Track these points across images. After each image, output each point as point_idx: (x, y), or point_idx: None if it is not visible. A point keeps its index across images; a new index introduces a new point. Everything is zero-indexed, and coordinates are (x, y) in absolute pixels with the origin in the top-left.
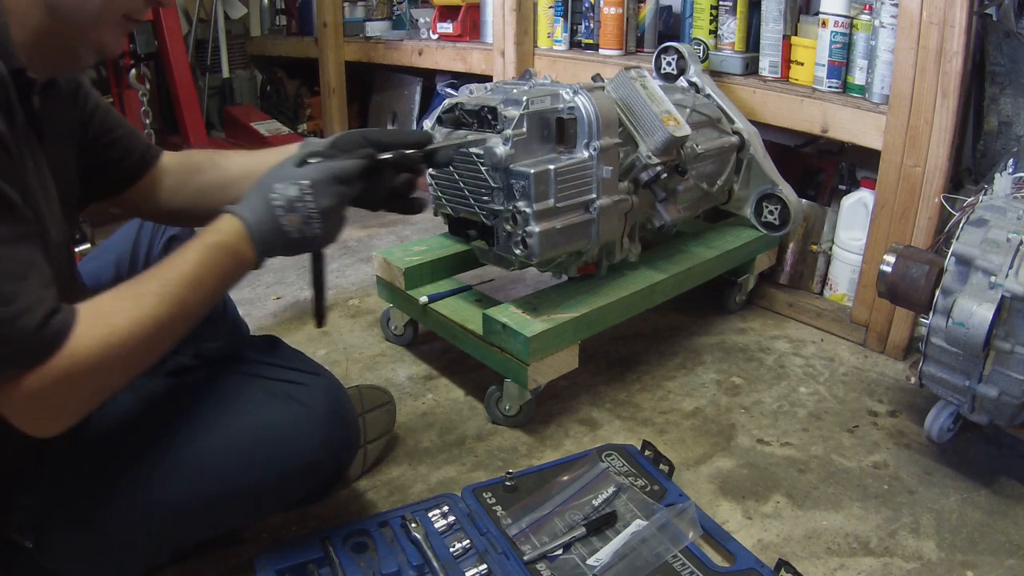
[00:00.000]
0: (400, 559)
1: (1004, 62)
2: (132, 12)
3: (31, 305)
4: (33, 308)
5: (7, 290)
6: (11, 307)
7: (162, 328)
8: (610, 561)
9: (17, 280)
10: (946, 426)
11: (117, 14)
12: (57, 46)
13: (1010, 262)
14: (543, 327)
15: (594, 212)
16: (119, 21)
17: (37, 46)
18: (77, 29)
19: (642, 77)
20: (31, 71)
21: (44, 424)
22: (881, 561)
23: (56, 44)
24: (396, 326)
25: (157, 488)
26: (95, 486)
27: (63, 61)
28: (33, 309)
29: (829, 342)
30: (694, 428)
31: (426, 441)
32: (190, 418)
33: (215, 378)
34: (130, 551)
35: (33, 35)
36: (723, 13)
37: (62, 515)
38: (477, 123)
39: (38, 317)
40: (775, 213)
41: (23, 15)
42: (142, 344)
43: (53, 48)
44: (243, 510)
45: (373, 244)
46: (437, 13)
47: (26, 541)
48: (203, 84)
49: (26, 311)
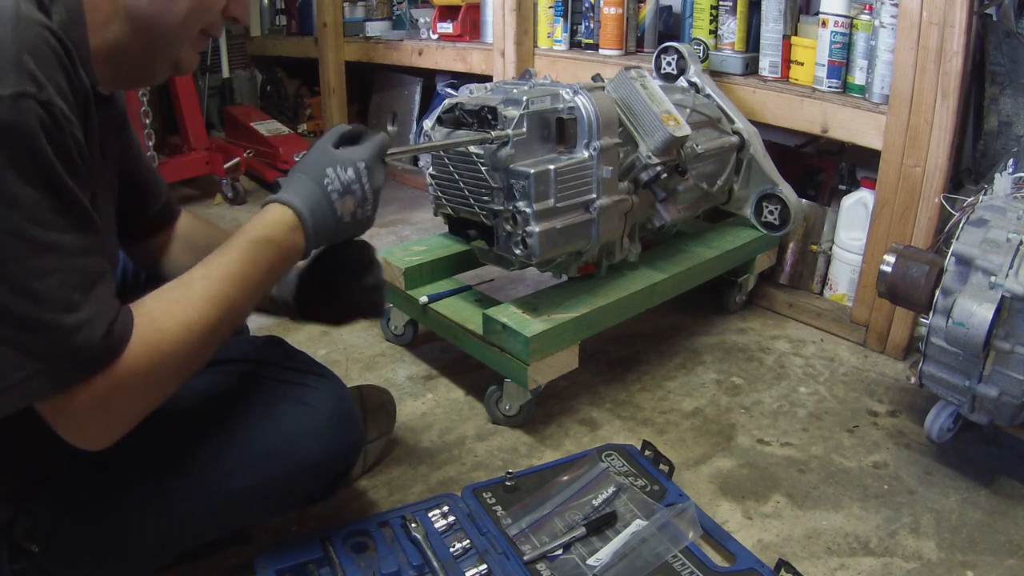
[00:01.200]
0: (400, 559)
1: (1004, 62)
2: (209, 28)
3: (97, 315)
4: (98, 318)
5: (76, 299)
6: (78, 315)
7: (212, 331)
8: (610, 561)
9: (87, 290)
10: (946, 426)
11: (195, 30)
12: (133, 60)
13: (1010, 262)
14: (543, 327)
15: (594, 212)
16: (196, 37)
17: (111, 59)
18: (157, 44)
19: (642, 77)
20: (100, 84)
21: (95, 435)
22: (881, 561)
23: (132, 58)
24: (396, 326)
25: (164, 492)
26: (103, 491)
27: (136, 75)
28: (98, 319)
29: (829, 342)
30: (694, 428)
31: (426, 441)
32: (196, 421)
33: (220, 380)
34: (136, 554)
35: (109, 48)
36: (723, 13)
37: (69, 520)
38: (477, 123)
39: (103, 327)
40: (775, 213)
41: (101, 26)
42: (192, 348)
43: (128, 62)
44: (250, 512)
45: (373, 244)
46: (437, 13)
47: (32, 546)
48: (203, 84)
49: (91, 320)
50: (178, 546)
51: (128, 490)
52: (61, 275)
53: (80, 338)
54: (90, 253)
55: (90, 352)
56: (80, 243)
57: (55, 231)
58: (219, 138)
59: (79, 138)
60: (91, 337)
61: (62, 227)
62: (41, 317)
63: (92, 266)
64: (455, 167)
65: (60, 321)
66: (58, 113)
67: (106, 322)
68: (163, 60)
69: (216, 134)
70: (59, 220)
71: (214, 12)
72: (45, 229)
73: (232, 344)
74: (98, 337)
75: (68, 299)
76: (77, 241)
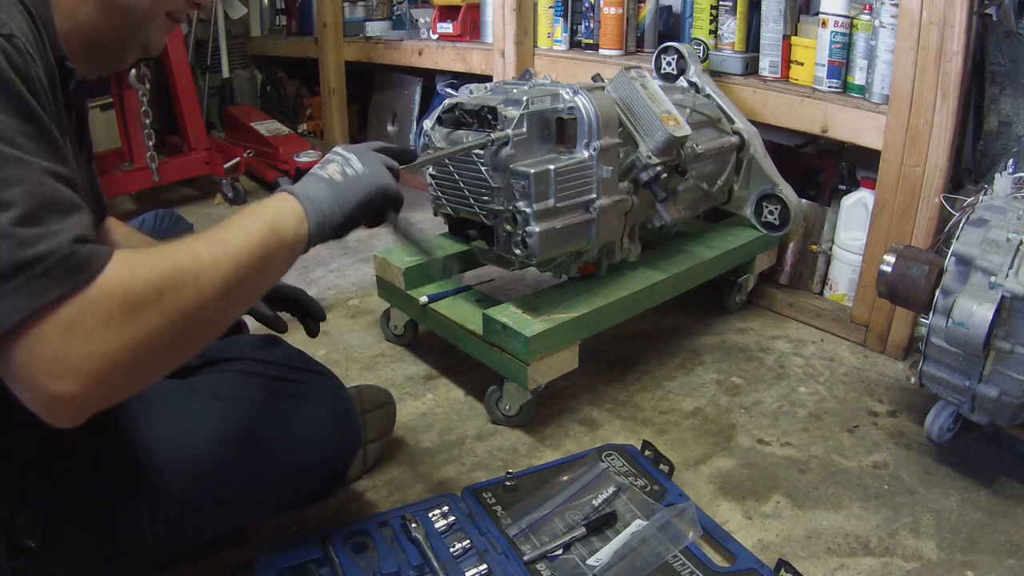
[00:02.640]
0: (400, 559)
1: (1004, 62)
2: (174, 12)
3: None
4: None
5: (43, 215)
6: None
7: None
8: (610, 561)
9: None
10: (946, 426)
11: (161, 13)
12: (105, 42)
13: (1010, 262)
14: (543, 327)
15: (594, 212)
16: (163, 20)
17: (83, 41)
18: (128, 26)
19: (642, 77)
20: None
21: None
22: (881, 561)
23: (104, 40)
24: (396, 326)
25: (163, 491)
26: (102, 489)
27: (108, 58)
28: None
29: (829, 342)
30: (694, 428)
31: (426, 441)
32: (194, 420)
33: (218, 379)
34: (135, 553)
35: (79, 29)
36: (723, 13)
37: (69, 517)
38: (477, 123)
39: (68, 242)
40: (775, 213)
41: (71, 8)
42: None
43: (100, 44)
44: (249, 511)
45: (373, 244)
46: (437, 13)
47: (31, 543)
48: (203, 84)
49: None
50: (176, 546)
51: (122, 488)
52: (29, 188)
53: (43, 247)
54: (61, 182)
55: (54, 259)
56: (51, 168)
57: (22, 150)
58: (219, 138)
59: (43, 80)
60: (56, 245)
61: (32, 150)
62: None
63: (64, 194)
64: (455, 167)
65: (22, 232)
66: (21, 46)
67: (72, 238)
68: (132, 42)
69: (216, 134)
70: (30, 144)
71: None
72: (11, 147)
73: (231, 343)
74: (66, 244)
75: (34, 212)
76: (48, 165)
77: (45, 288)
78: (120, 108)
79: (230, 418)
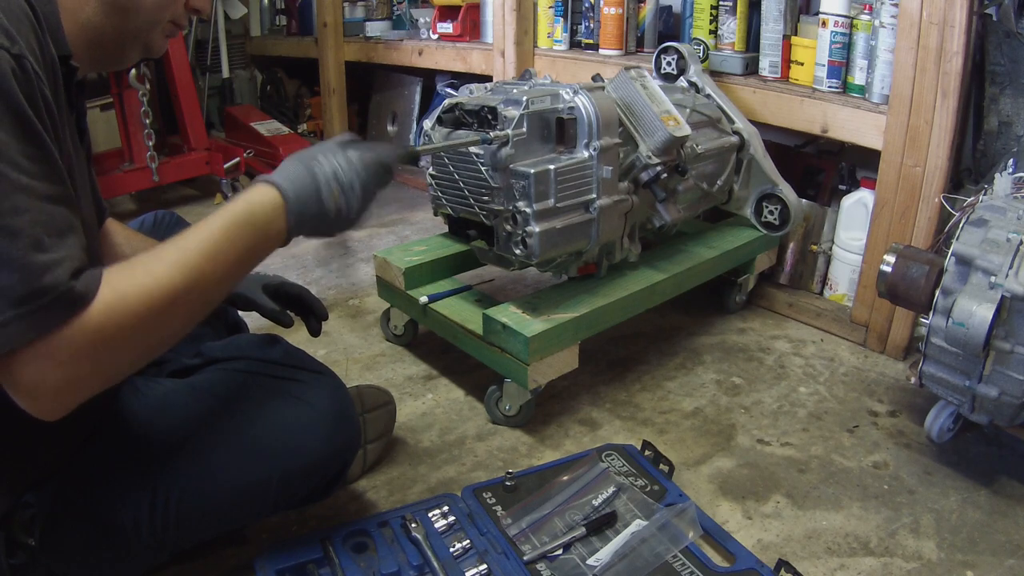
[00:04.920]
0: (400, 559)
1: (1004, 62)
2: (176, 19)
3: (67, 259)
4: (67, 263)
5: (47, 241)
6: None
7: (175, 301)
8: (610, 561)
9: (58, 235)
10: (946, 426)
11: (165, 17)
12: (107, 42)
13: (1010, 262)
14: (543, 327)
15: (594, 212)
16: (166, 25)
17: (86, 40)
18: (130, 28)
19: (642, 77)
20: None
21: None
22: (881, 561)
23: (107, 40)
24: (396, 326)
25: (161, 488)
26: (100, 487)
27: (110, 58)
28: (67, 264)
29: (829, 342)
30: (694, 428)
31: (426, 441)
32: (193, 418)
33: (218, 378)
34: (134, 551)
35: (83, 29)
36: (723, 13)
37: (67, 514)
38: (477, 123)
39: (69, 272)
40: (775, 213)
41: (76, 8)
42: (153, 316)
43: (103, 44)
44: (247, 510)
45: (373, 244)
46: (437, 13)
47: (30, 539)
48: (203, 84)
49: (61, 262)
50: (174, 543)
51: (121, 486)
52: (33, 215)
53: (49, 279)
54: (60, 203)
55: (57, 293)
56: (51, 191)
57: (26, 175)
58: (219, 138)
59: (48, 96)
60: (59, 278)
61: (34, 173)
62: (12, 254)
63: (63, 216)
64: (455, 167)
65: (31, 259)
66: (29, 67)
67: (72, 268)
68: (135, 42)
69: (216, 134)
70: (32, 166)
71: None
72: (17, 171)
73: (231, 342)
74: (65, 280)
75: (39, 239)
76: (48, 189)
77: (44, 321)
78: (120, 108)
79: (229, 417)
